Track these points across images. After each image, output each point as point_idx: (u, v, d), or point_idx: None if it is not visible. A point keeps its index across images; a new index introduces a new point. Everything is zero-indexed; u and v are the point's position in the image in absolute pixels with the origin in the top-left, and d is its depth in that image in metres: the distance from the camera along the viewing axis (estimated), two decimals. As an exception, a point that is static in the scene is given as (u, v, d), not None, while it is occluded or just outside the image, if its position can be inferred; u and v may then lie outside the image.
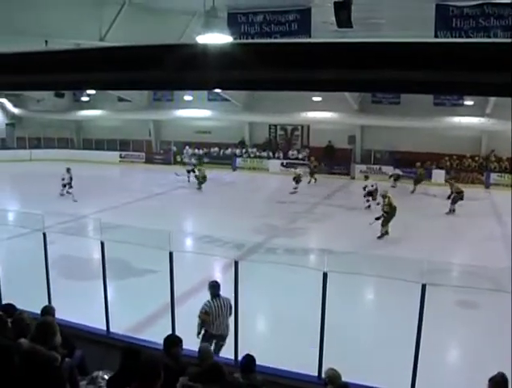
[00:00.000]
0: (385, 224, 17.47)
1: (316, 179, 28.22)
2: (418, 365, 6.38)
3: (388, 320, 10.40)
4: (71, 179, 23.11)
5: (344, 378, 5.64)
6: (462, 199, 21.96)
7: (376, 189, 21.89)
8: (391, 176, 28.24)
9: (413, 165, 28.59)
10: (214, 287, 8.23)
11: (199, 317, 8.10)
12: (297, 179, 25.47)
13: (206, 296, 8.20)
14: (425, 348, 6.46)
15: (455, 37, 13.77)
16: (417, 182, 27.26)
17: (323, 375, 6.09)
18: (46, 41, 15.04)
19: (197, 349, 6.19)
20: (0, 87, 16.47)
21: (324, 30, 15.84)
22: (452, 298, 11.24)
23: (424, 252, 14.50)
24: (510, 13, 13.20)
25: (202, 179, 25.85)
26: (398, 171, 28.72)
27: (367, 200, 22.01)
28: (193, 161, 29.86)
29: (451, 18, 13.90)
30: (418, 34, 13.87)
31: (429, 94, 23.35)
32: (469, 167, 30.37)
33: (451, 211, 21.74)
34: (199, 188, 25.65)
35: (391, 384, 6.48)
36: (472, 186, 28.19)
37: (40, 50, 4.58)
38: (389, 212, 17.44)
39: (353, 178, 31.28)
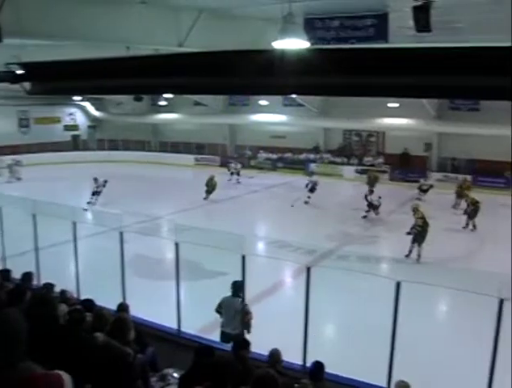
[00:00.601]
0: (420, 242, 15.36)
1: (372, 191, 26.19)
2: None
3: (462, 334, 10.12)
4: (102, 185, 22.59)
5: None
6: (476, 212, 19.57)
7: (380, 204, 21.18)
8: (420, 187, 26.41)
9: (493, 173, 27.69)
10: (236, 286, 8.30)
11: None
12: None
13: (277, 300, 8.22)
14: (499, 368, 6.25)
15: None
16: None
17: (392, 387, 6.00)
18: (127, 47, 15.50)
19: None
20: (84, 91, 17.12)
21: (401, 35, 15.57)
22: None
23: (503, 265, 14.07)
24: None
25: None
26: (430, 182, 27.30)
27: (367, 211, 21.34)
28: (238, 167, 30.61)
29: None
30: (500, 38, 13.43)
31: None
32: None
33: (472, 226, 19.65)
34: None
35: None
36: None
37: (122, 56, 4.74)
38: (423, 227, 15.46)
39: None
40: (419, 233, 15.32)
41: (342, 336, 10.78)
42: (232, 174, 29.90)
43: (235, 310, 8.19)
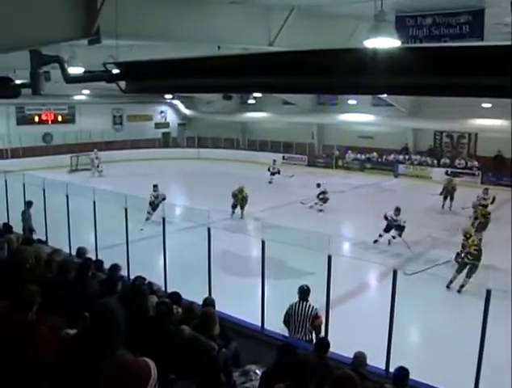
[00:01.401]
0: (469, 274, 12.62)
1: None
2: None
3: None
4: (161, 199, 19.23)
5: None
6: (485, 228, 17.44)
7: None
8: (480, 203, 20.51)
9: None
10: (303, 291, 8.18)
11: None
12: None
13: (361, 301, 8.12)
14: None
15: None
16: None
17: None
18: (218, 47, 15.76)
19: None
20: (176, 90, 17.53)
21: (496, 32, 14.98)
22: None
23: None
24: None
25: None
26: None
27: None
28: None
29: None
30: None
31: None
32: None
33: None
34: None
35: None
36: None
37: (213, 55, 4.84)
38: (476, 258, 12.72)
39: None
40: (471, 264, 12.43)
41: (426, 343, 10.53)
42: (272, 174, 29.48)
43: (304, 316, 8.08)
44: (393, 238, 16.68)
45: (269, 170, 29.66)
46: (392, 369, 6.38)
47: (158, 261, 11.23)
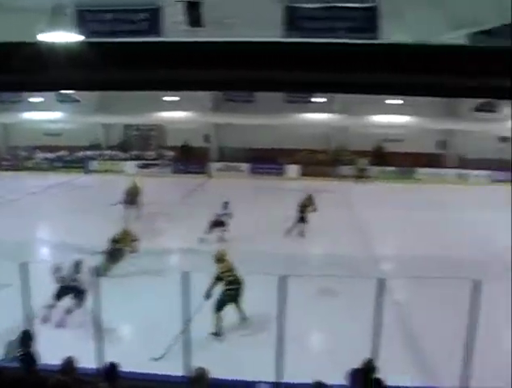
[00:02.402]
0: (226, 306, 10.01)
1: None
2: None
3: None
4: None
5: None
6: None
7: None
8: None
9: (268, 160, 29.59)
10: None
11: None
12: None
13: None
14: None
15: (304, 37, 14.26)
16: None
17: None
18: None
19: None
20: None
21: (175, 30, 15.70)
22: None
23: (284, 246, 15.04)
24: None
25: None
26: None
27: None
28: None
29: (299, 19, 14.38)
30: (268, 34, 14.17)
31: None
32: (322, 162, 31.75)
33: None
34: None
35: None
36: (326, 179, 29.52)
37: None
38: (233, 287, 9.96)
39: (210, 177, 31.45)
40: (229, 295, 9.95)
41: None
42: None
43: None
44: None
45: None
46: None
47: None
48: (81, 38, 12.05)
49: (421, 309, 10.82)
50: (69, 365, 5.85)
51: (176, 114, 32.23)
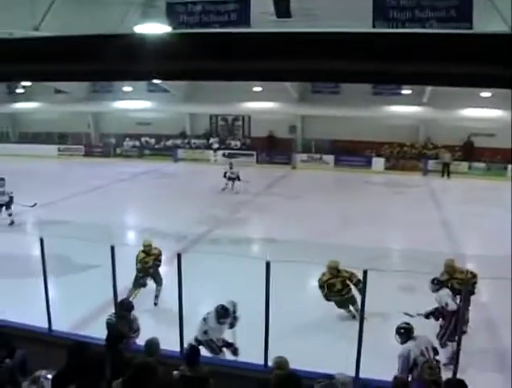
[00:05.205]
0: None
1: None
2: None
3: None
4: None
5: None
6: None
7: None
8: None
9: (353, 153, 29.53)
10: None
11: None
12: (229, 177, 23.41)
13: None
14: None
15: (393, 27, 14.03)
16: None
17: (270, 363, 6.15)
18: (-23, 31, 14.53)
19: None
20: None
21: (263, 20, 15.82)
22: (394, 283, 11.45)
23: (367, 239, 14.84)
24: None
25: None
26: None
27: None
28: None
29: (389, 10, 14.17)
30: (354, 24, 14.03)
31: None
32: (408, 155, 31.05)
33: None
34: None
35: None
36: (411, 173, 28.95)
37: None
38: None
39: (294, 167, 31.49)
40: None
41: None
42: (229, 179, 23.72)
43: None
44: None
45: (225, 176, 23.75)
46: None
47: None
48: (170, 29, 12.32)
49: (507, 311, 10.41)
50: (152, 347, 6.02)
51: (262, 104, 32.34)
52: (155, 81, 26.85)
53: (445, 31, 12.74)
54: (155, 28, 10.62)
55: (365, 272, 6.42)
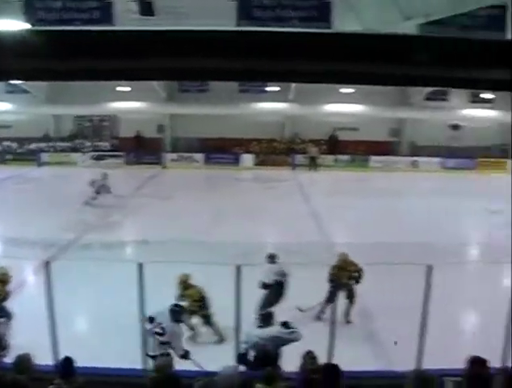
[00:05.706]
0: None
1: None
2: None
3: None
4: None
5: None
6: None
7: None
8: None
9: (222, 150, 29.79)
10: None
11: None
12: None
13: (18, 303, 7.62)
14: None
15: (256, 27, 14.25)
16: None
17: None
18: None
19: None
20: None
21: (127, 18, 15.51)
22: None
23: (239, 235, 15.03)
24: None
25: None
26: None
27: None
28: None
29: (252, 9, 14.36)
30: (220, 23, 14.11)
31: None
32: (276, 150, 31.88)
33: None
34: None
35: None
36: (280, 168, 29.75)
37: None
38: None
39: (164, 167, 31.24)
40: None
41: (92, 328, 10.49)
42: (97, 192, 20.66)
43: None
44: None
45: (92, 185, 20.76)
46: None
47: None
48: (28, 26, 11.76)
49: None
50: (23, 363, 5.69)
51: (130, 104, 31.77)
52: (13, 81, 25.51)
53: (306, 30, 13.17)
54: (11, 25, 10.11)
55: (238, 268, 6.48)
